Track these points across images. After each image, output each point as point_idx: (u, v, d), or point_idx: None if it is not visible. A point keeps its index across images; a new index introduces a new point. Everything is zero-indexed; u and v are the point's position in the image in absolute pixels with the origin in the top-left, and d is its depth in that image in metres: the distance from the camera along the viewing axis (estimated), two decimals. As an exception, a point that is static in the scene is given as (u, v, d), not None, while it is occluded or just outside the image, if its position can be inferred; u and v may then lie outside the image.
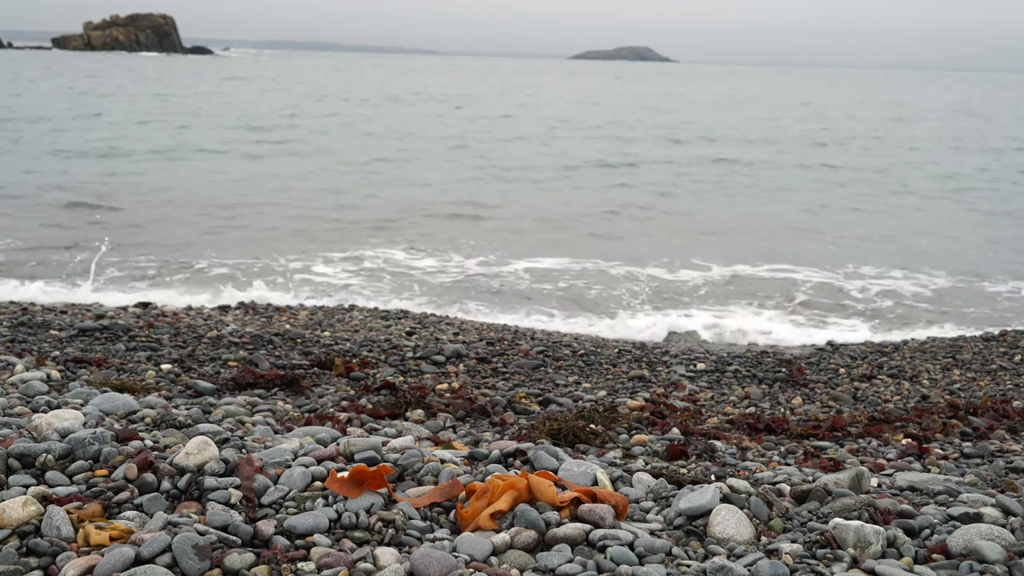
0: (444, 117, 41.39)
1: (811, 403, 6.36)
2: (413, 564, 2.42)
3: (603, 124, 41.00)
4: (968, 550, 2.67)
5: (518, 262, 13.45)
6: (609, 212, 18.47)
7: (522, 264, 13.33)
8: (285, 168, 23.14)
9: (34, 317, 7.73)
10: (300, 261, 13.00)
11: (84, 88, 52.16)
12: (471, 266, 13.16)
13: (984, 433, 5.20)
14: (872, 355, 8.28)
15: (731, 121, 45.94)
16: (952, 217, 19.45)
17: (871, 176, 25.31)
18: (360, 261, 13.24)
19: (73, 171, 20.85)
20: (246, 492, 2.79)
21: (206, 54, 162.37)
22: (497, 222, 16.99)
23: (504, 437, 4.61)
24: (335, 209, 17.63)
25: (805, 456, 4.49)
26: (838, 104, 66.50)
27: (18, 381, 4.53)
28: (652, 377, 6.91)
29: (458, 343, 7.60)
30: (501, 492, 2.81)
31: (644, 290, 12.03)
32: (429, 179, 22.14)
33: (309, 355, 6.75)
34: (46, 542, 2.43)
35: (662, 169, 25.59)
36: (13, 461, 2.92)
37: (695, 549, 2.70)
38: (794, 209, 19.76)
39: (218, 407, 4.42)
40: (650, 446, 4.50)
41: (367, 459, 3.17)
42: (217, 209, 17.06)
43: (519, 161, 26.25)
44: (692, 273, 13.12)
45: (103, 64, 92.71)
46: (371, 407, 5.11)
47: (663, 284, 12.44)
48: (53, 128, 29.67)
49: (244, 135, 30.40)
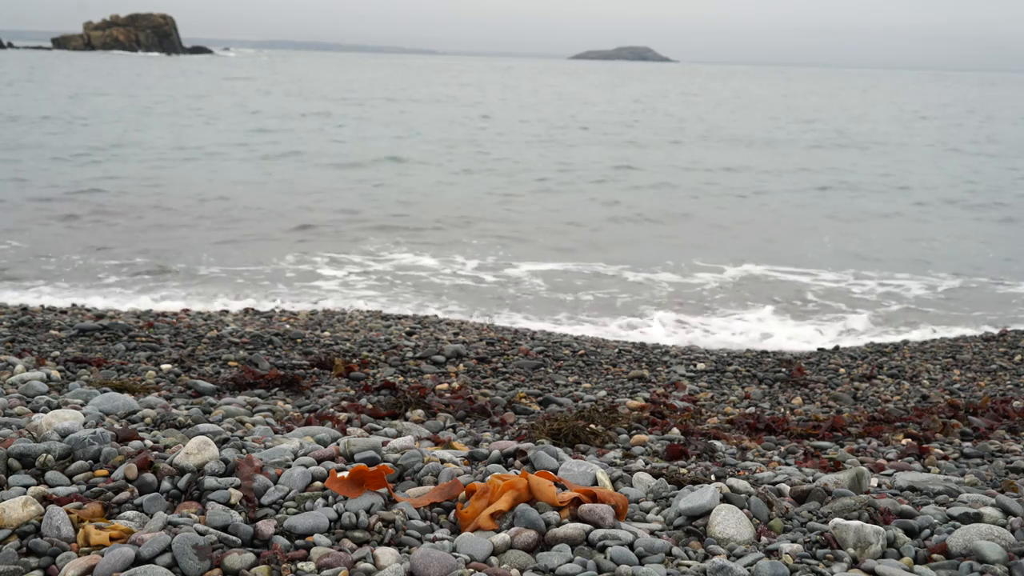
0: (472, 123, 40.80)
1: (811, 403, 6.36)
2: (413, 564, 2.42)
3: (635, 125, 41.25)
4: (968, 550, 2.67)
5: (521, 264, 13.45)
6: (636, 215, 18.52)
7: (524, 267, 13.33)
8: (306, 169, 23.15)
9: (34, 317, 7.74)
10: (300, 262, 13.00)
11: (86, 88, 52.14)
12: (471, 269, 13.15)
13: (984, 433, 5.20)
14: (872, 355, 8.28)
15: (752, 121, 46.42)
16: (954, 217, 19.45)
17: (877, 178, 25.33)
18: (364, 264, 13.24)
19: (74, 173, 20.87)
20: (246, 492, 2.79)
21: (206, 54, 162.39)
22: (499, 225, 16.97)
23: (504, 437, 4.61)
24: (339, 212, 17.65)
25: (805, 456, 4.49)
26: (842, 105, 66.48)
27: (18, 381, 4.53)
28: (652, 377, 6.91)
29: (458, 343, 7.60)
30: (501, 492, 2.81)
31: (645, 293, 12.03)
32: (437, 180, 22.13)
33: (309, 355, 6.75)
34: (46, 542, 2.43)
35: (680, 172, 25.72)
36: (13, 461, 2.92)
37: (695, 549, 2.70)
38: (797, 208, 19.77)
39: (218, 407, 4.42)
40: (650, 446, 4.50)
41: (367, 459, 3.18)
42: (218, 208, 17.06)
43: (530, 164, 26.28)
44: (694, 275, 13.12)
45: (106, 64, 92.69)
46: (371, 407, 5.11)
47: (664, 286, 12.43)
48: (57, 128, 29.67)
49: (256, 137, 30.45)
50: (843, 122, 47.63)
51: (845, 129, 42.73)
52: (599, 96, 69.58)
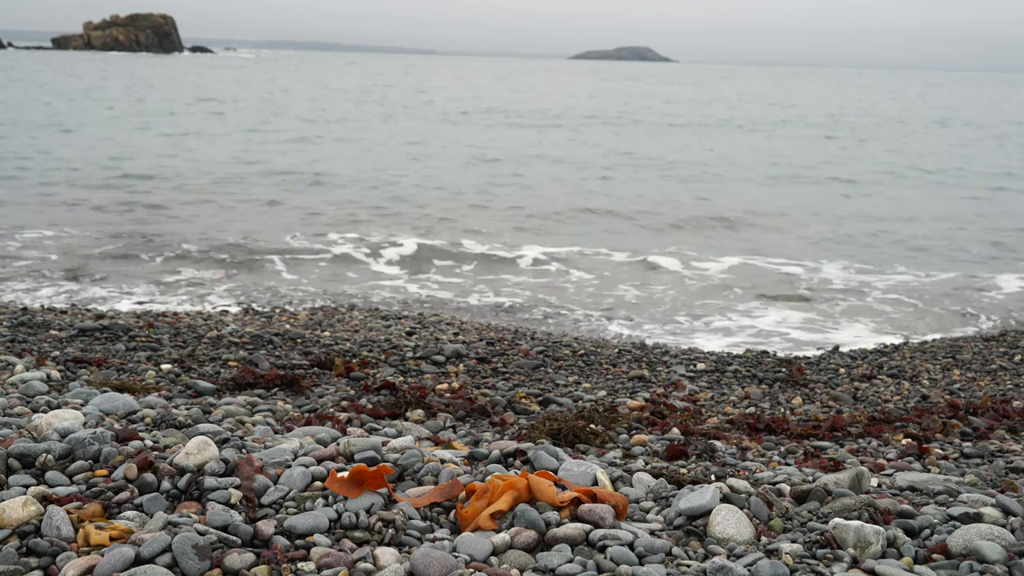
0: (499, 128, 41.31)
1: (811, 403, 6.36)
2: (413, 564, 2.42)
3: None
4: (968, 550, 2.67)
5: (523, 255, 13.46)
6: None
7: (529, 255, 13.35)
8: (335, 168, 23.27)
9: (34, 317, 7.74)
10: (301, 264, 13.00)
11: (89, 89, 52.11)
12: (472, 268, 13.15)
13: (984, 433, 5.20)
14: (872, 355, 8.28)
15: (771, 117, 47.35)
16: (954, 216, 19.45)
17: (880, 176, 25.35)
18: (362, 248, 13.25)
19: (85, 168, 20.95)
20: (246, 492, 2.79)
21: (206, 54, 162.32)
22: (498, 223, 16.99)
23: (504, 437, 4.61)
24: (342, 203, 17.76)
25: (805, 456, 4.49)
26: (841, 104, 66.64)
27: (18, 381, 4.53)
28: (652, 377, 6.91)
29: (458, 343, 7.61)
30: (501, 492, 2.81)
31: (645, 288, 12.03)
32: (444, 183, 22.16)
33: (309, 355, 6.76)
34: (46, 542, 2.43)
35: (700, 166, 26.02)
36: (13, 461, 2.92)
37: (695, 549, 2.70)
38: (799, 209, 19.79)
39: (218, 407, 4.42)
40: (650, 446, 4.50)
41: (367, 459, 3.18)
42: (220, 210, 17.07)
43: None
44: (694, 271, 13.12)
45: (109, 64, 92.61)
46: (371, 407, 5.11)
47: (663, 282, 12.43)
48: (62, 129, 29.67)
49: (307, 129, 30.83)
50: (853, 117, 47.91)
51: (859, 123, 43.13)
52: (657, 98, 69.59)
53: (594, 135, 35.49)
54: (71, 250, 12.93)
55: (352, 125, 35.78)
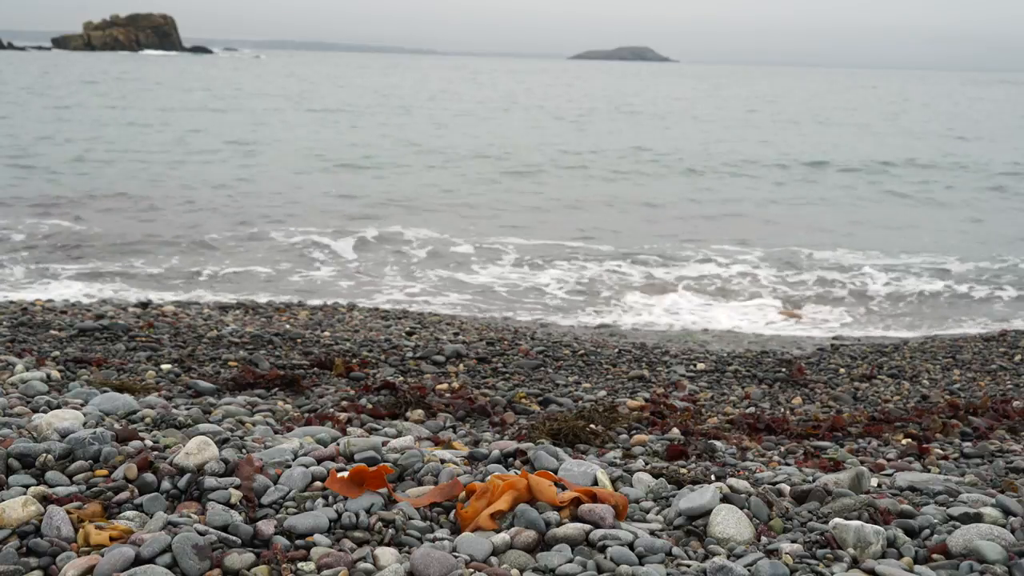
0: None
1: (811, 403, 6.36)
2: (413, 564, 2.42)
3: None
4: (968, 550, 2.67)
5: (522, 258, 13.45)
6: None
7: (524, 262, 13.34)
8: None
9: (34, 317, 7.74)
10: (300, 264, 13.00)
11: (91, 88, 52.08)
12: (472, 266, 13.15)
13: (984, 433, 5.20)
14: (872, 355, 8.28)
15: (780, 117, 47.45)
16: (957, 215, 19.46)
17: (880, 176, 25.34)
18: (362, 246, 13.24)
19: (93, 172, 20.95)
20: (246, 492, 2.79)
21: (207, 53, 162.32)
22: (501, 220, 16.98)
23: (504, 437, 4.61)
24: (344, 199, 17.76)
25: (805, 456, 4.49)
26: (843, 105, 66.59)
27: (18, 381, 4.53)
28: (652, 377, 6.91)
29: (458, 343, 7.61)
30: (501, 492, 2.81)
31: (642, 282, 12.02)
32: (448, 184, 22.13)
33: (309, 355, 6.76)
34: (46, 542, 2.43)
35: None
36: (13, 461, 2.92)
37: (695, 549, 2.70)
38: (801, 207, 19.79)
39: (218, 407, 4.42)
40: (650, 446, 4.50)
41: (367, 459, 3.18)
42: (221, 207, 17.06)
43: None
44: (693, 269, 13.11)
45: (110, 64, 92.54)
46: (371, 407, 5.11)
47: (659, 277, 12.43)
48: (68, 129, 29.64)
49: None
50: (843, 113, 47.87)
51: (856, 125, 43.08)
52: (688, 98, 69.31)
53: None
54: (75, 244, 12.97)
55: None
